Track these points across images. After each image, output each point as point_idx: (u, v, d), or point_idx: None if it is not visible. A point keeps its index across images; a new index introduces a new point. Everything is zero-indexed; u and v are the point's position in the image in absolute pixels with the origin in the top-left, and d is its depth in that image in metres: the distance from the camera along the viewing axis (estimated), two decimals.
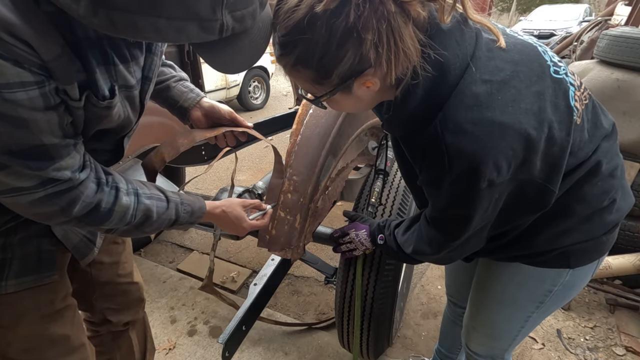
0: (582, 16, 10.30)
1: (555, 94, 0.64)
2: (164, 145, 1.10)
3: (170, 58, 2.32)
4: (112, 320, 1.08)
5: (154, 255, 2.43)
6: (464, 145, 0.60)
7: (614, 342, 1.75)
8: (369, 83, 0.61)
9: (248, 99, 5.75)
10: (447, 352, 1.46)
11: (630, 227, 1.97)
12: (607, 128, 0.76)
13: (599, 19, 3.93)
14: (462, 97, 0.60)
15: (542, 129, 0.62)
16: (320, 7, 0.53)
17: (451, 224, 0.75)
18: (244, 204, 0.97)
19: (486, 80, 0.60)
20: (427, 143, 0.64)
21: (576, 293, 0.92)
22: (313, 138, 1.22)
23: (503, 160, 0.61)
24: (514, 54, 0.64)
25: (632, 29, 1.97)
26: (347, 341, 1.50)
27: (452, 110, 0.61)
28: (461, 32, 0.62)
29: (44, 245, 0.78)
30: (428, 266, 2.28)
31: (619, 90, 1.88)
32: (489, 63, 0.62)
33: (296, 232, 1.24)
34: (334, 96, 0.65)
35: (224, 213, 0.92)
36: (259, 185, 1.93)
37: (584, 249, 0.81)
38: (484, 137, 0.59)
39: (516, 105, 0.60)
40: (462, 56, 0.61)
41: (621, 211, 0.81)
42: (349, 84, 0.61)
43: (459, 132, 0.60)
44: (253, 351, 1.71)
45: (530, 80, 0.63)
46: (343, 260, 1.30)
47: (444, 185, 0.66)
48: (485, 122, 0.59)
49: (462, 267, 1.18)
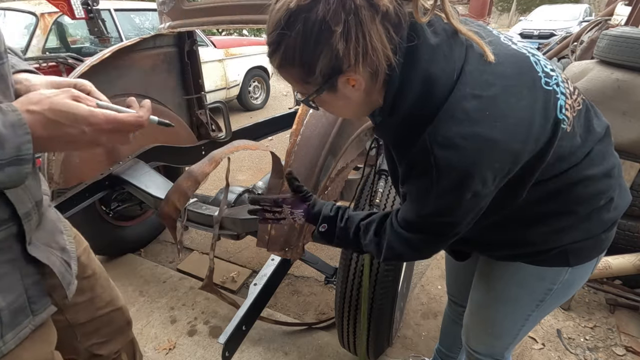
0: (582, 16, 10.30)
1: (545, 105, 0.65)
2: (172, 193, 1.11)
3: (170, 58, 2.32)
4: (102, 354, 0.98)
5: (154, 255, 2.43)
6: (453, 160, 0.61)
7: (614, 342, 1.75)
8: (353, 81, 0.63)
9: (248, 99, 5.75)
10: (448, 351, 1.46)
11: (630, 227, 1.97)
12: (600, 132, 0.77)
13: (599, 19, 3.93)
14: (453, 111, 0.61)
15: (529, 142, 0.63)
16: (293, 3, 0.57)
17: (434, 227, 0.74)
18: (60, 84, 0.67)
19: (476, 95, 0.61)
20: (416, 155, 0.65)
21: (575, 291, 0.93)
22: (313, 138, 1.22)
23: (489, 174, 0.62)
24: (505, 67, 0.64)
25: (632, 29, 1.97)
26: (347, 341, 1.50)
27: (442, 124, 0.61)
28: (450, 47, 0.63)
29: (28, 279, 0.66)
30: (428, 266, 2.28)
31: (619, 90, 1.87)
32: (479, 78, 0.62)
33: (296, 232, 1.24)
34: (322, 96, 0.66)
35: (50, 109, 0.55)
36: (259, 185, 1.93)
37: (583, 247, 0.81)
38: (473, 152, 0.60)
39: (505, 121, 0.61)
40: (449, 71, 0.62)
41: (619, 209, 0.82)
42: (334, 82, 0.63)
43: (449, 146, 0.61)
44: (253, 351, 1.71)
45: (521, 94, 0.63)
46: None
47: (429, 197, 0.67)
48: (474, 137, 0.60)
49: (463, 266, 1.18)
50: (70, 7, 3.14)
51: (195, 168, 1.08)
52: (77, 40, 4.15)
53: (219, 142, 2.60)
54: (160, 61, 2.26)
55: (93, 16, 3.29)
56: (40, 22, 3.51)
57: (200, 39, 4.60)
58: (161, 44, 2.23)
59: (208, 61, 4.78)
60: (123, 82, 2.04)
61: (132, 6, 4.53)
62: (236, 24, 1.92)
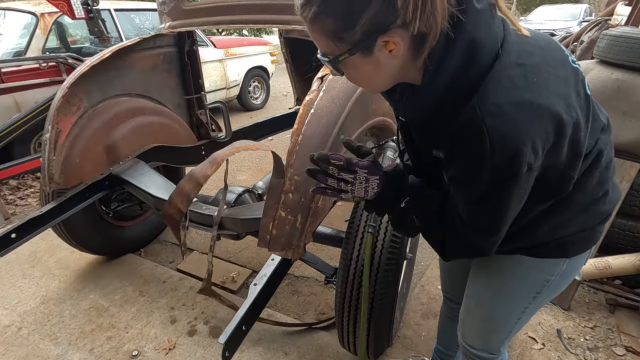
0: (582, 16, 10.30)
1: (576, 81, 0.66)
2: (174, 196, 1.11)
3: (170, 58, 2.32)
4: None
5: (154, 255, 2.43)
6: (506, 127, 0.58)
7: (614, 342, 1.75)
8: (392, 45, 0.59)
9: (248, 99, 5.75)
10: (445, 349, 1.46)
11: (630, 227, 1.97)
12: (604, 121, 0.78)
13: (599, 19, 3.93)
14: (500, 79, 0.60)
15: (571, 113, 0.62)
16: None
17: (484, 219, 0.70)
18: None
19: (520, 63, 0.61)
20: (463, 124, 0.62)
21: (569, 282, 0.94)
22: (314, 138, 1.23)
23: (539, 143, 0.60)
24: (539, 41, 0.65)
25: (632, 29, 1.97)
26: (347, 341, 1.50)
27: (490, 93, 0.60)
28: (492, 16, 0.61)
29: None
30: (428, 266, 2.28)
31: (619, 90, 1.87)
32: (520, 48, 0.62)
33: (297, 232, 1.24)
34: (352, 58, 0.62)
35: None
36: (259, 185, 1.93)
37: (580, 238, 0.84)
38: (524, 119, 0.58)
39: (549, 88, 0.61)
40: (493, 37, 0.61)
41: (612, 202, 0.84)
42: (371, 43, 0.59)
43: (499, 113, 0.59)
44: (253, 351, 1.71)
45: (557, 66, 0.64)
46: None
47: (483, 174, 0.62)
48: (524, 104, 0.59)
49: (458, 262, 1.18)
50: (70, 7, 3.14)
51: (197, 170, 1.08)
52: (77, 40, 4.15)
53: (219, 142, 2.60)
54: (160, 61, 2.26)
55: (93, 16, 3.30)
56: (40, 22, 3.51)
57: (200, 39, 4.60)
58: (161, 44, 2.23)
59: (208, 61, 4.78)
60: (123, 82, 2.04)
61: (132, 6, 4.53)
62: (236, 24, 1.92)
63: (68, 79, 1.80)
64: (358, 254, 1.31)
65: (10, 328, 1.84)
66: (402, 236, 1.30)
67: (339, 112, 1.25)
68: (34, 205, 3.08)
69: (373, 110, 1.44)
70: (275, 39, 8.12)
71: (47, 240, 2.48)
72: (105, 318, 1.90)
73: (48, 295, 2.05)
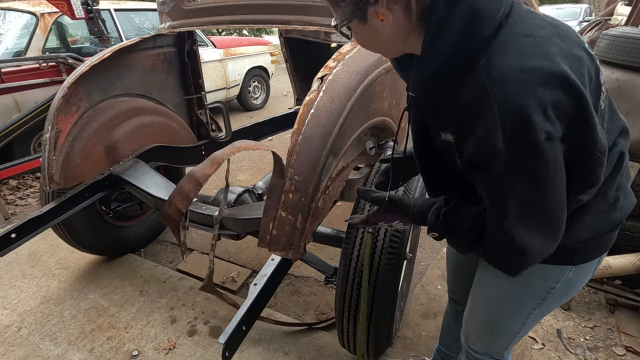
0: (582, 16, 10.30)
1: (591, 65, 0.64)
2: (174, 196, 1.11)
3: (170, 58, 2.32)
4: None
5: (154, 255, 2.43)
6: (512, 91, 0.57)
7: (614, 342, 1.75)
8: (382, 15, 0.64)
9: (248, 99, 5.75)
10: (448, 350, 1.46)
11: (630, 227, 1.97)
12: (622, 125, 0.77)
13: (599, 19, 3.93)
14: (505, 48, 0.59)
15: (586, 88, 0.60)
16: None
17: (522, 207, 0.64)
18: None
19: (528, 34, 0.60)
20: (468, 100, 0.61)
21: (576, 292, 0.93)
22: (314, 138, 1.22)
23: (552, 110, 0.57)
24: (553, 20, 0.65)
25: (632, 29, 1.97)
26: (347, 341, 1.50)
27: (496, 60, 0.59)
28: None
29: None
30: (428, 266, 2.28)
31: (619, 90, 1.87)
32: (530, 21, 0.62)
33: (297, 232, 1.24)
34: (353, 24, 0.68)
35: None
36: (259, 185, 1.93)
37: (589, 246, 0.82)
38: (530, 83, 0.57)
39: (560, 58, 0.58)
40: (493, 8, 0.60)
41: (624, 210, 0.81)
42: (363, 11, 0.64)
43: (506, 79, 0.58)
44: (253, 351, 1.71)
45: (569, 43, 0.62)
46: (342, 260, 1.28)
47: (498, 146, 0.59)
48: (533, 69, 0.57)
49: (464, 264, 1.18)
50: (70, 7, 3.14)
51: (197, 170, 1.08)
52: (77, 40, 4.15)
53: (219, 142, 2.60)
54: (160, 61, 2.26)
55: (93, 16, 3.30)
56: (40, 22, 3.51)
57: (200, 39, 4.60)
58: (161, 44, 2.23)
59: (208, 61, 4.78)
60: (123, 82, 2.04)
61: (132, 6, 4.53)
62: (236, 24, 1.92)
63: (68, 79, 1.80)
64: (358, 254, 1.31)
65: (10, 328, 1.84)
66: (401, 237, 1.30)
67: (339, 112, 1.25)
68: (34, 205, 3.08)
69: (373, 110, 1.44)
70: (275, 39, 8.12)
71: (47, 240, 2.48)
72: (105, 318, 1.90)
73: (48, 295, 2.05)
